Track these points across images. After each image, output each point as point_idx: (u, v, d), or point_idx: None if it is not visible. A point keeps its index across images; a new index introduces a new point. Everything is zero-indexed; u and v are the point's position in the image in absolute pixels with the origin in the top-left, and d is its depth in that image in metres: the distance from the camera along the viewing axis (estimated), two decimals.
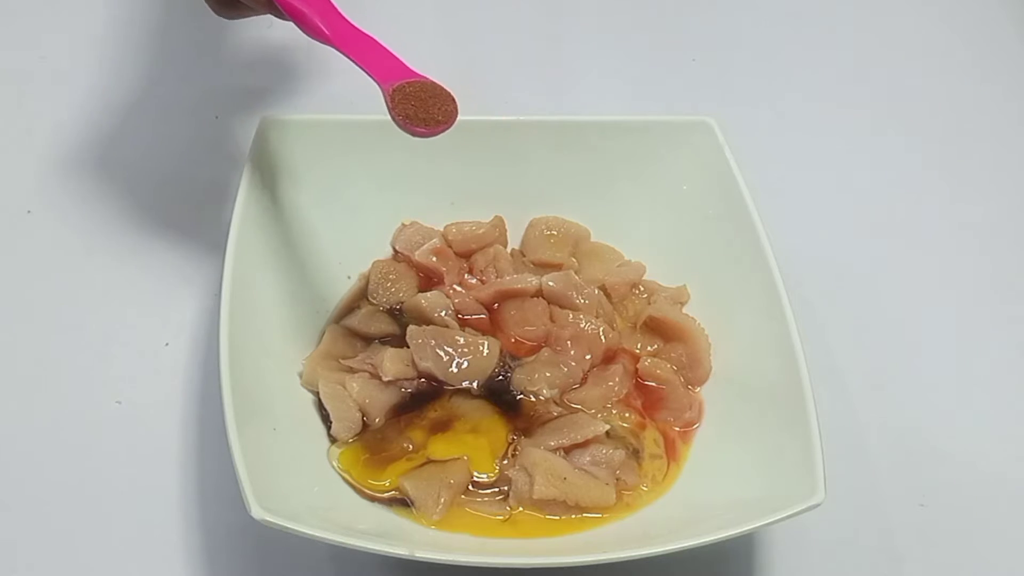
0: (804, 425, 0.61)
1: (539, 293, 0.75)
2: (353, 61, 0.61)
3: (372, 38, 0.62)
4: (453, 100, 0.61)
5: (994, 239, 0.87)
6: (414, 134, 0.60)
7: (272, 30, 0.91)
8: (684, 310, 0.75)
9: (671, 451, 0.69)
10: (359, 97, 0.87)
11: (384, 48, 0.62)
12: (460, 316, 0.74)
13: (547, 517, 0.65)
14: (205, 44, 0.93)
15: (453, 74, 0.89)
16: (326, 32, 0.61)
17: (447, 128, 0.60)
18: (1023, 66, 1.00)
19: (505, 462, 0.67)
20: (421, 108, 0.60)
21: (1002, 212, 0.89)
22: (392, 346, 0.71)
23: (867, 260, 0.84)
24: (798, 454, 0.61)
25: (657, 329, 0.73)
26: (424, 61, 0.68)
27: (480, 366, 0.70)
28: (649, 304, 0.75)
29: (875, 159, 0.92)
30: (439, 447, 0.67)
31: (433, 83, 0.61)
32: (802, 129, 0.93)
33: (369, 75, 0.61)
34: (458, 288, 0.76)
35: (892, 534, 0.70)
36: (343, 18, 0.62)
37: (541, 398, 0.70)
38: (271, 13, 0.64)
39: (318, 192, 0.76)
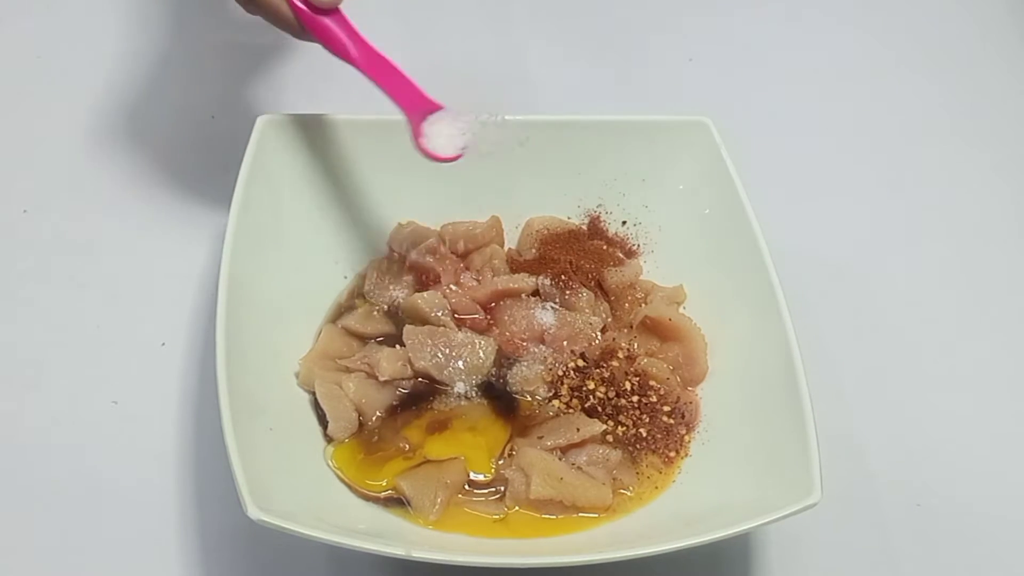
0: (800, 425, 0.61)
1: (535, 293, 0.75)
2: (379, 87, 0.65)
3: (395, 65, 0.65)
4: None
5: (991, 239, 0.87)
6: (436, 160, 0.66)
7: (269, 29, 0.90)
8: (681, 310, 0.75)
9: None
10: (356, 97, 0.88)
11: (406, 76, 0.65)
12: (457, 316, 0.74)
13: (543, 517, 0.65)
14: (201, 43, 0.93)
15: (451, 74, 0.89)
16: (354, 55, 0.65)
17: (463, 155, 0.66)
18: (1022, 65, 1.00)
19: (501, 462, 0.67)
20: None
21: (1000, 212, 0.89)
22: (389, 346, 0.71)
23: (863, 259, 0.84)
24: (794, 454, 0.61)
25: (654, 329, 0.73)
26: (423, 61, 0.68)
27: (477, 366, 0.70)
28: (646, 304, 0.75)
29: (872, 158, 0.92)
30: (436, 447, 0.67)
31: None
32: (798, 128, 0.93)
33: (395, 102, 0.65)
34: (455, 288, 0.76)
35: (889, 534, 0.70)
36: (369, 45, 0.65)
37: (538, 398, 0.70)
38: (294, 34, 0.66)
39: (315, 191, 0.76)
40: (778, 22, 1.02)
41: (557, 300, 0.75)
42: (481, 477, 0.67)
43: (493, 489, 0.66)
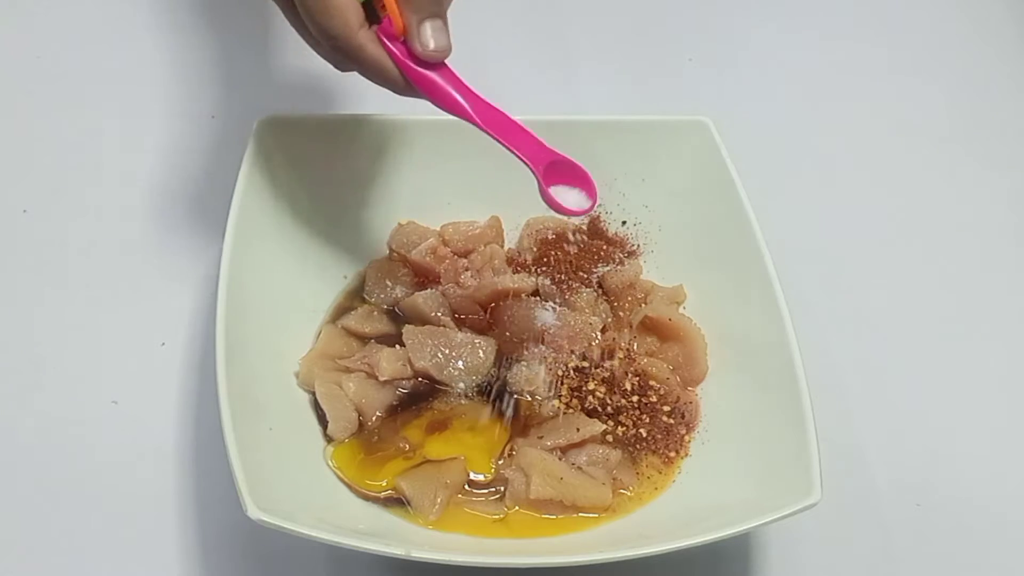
0: (800, 425, 0.61)
1: (535, 293, 0.75)
2: (499, 142, 0.62)
3: (510, 117, 0.63)
4: (591, 180, 0.64)
5: (992, 238, 0.87)
6: (565, 214, 0.65)
7: (269, 29, 0.90)
8: (681, 310, 0.75)
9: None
10: (356, 97, 0.88)
11: (523, 128, 0.63)
12: (457, 316, 0.74)
13: (543, 517, 0.65)
14: (201, 43, 0.93)
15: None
16: (468, 110, 0.62)
17: (592, 208, 0.65)
18: (1021, 65, 1.00)
19: (501, 462, 0.67)
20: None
21: (999, 212, 0.89)
22: (388, 346, 0.71)
23: (863, 259, 0.84)
24: (794, 454, 0.61)
25: (654, 329, 0.73)
26: None
27: (477, 365, 0.70)
28: (646, 304, 0.75)
29: (872, 157, 0.92)
30: (436, 447, 0.67)
31: (573, 162, 0.64)
32: (798, 128, 0.93)
33: (518, 156, 0.63)
34: (455, 288, 0.76)
35: (888, 534, 0.70)
36: (481, 98, 0.62)
37: (538, 398, 0.70)
38: (398, 90, 0.63)
39: (315, 191, 0.76)
40: (778, 22, 1.02)
41: (557, 300, 0.75)
42: (481, 477, 0.67)
43: (493, 489, 0.66)
